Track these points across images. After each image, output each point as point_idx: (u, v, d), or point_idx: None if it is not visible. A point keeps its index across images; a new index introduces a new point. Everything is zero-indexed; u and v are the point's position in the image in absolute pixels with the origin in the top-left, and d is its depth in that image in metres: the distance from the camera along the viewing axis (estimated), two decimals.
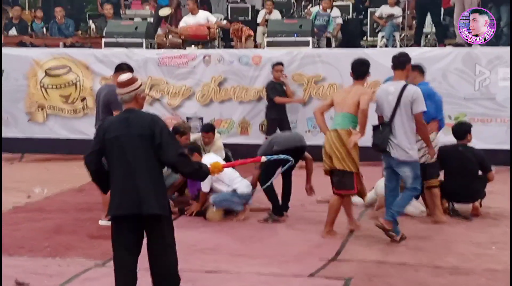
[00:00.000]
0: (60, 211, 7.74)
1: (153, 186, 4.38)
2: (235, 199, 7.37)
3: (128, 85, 4.51)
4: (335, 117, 6.59)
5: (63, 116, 11.79)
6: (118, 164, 4.40)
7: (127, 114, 4.51)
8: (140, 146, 4.37)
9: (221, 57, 11.39)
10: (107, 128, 4.49)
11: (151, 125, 4.40)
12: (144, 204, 4.32)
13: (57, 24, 13.08)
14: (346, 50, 11.51)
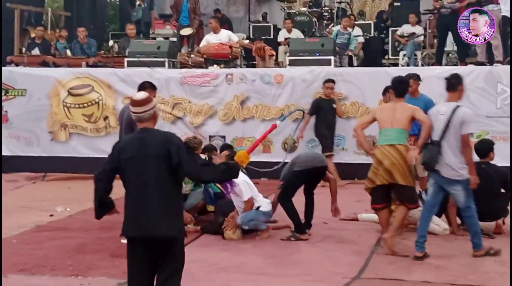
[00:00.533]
0: (82, 230, 7.75)
1: (167, 208, 4.30)
2: (261, 218, 7.35)
3: (146, 103, 4.44)
4: (385, 132, 6.61)
5: (85, 135, 11.87)
6: (133, 184, 4.34)
7: (142, 133, 4.44)
8: (156, 166, 4.30)
9: (243, 75, 11.42)
10: (123, 148, 4.43)
11: (167, 144, 4.33)
12: (154, 225, 4.26)
13: (80, 44, 13.22)
14: (368, 68, 11.51)
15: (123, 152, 4.40)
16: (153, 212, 4.26)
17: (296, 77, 11.10)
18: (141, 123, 4.45)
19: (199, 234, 7.45)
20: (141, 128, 4.46)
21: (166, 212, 4.29)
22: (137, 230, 4.29)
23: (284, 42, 13.52)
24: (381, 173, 6.54)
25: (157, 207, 4.27)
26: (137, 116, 4.44)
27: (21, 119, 11.89)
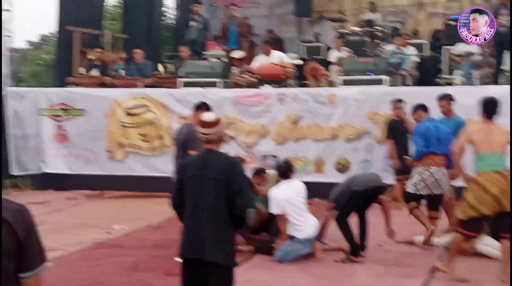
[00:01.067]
0: (138, 248, 7.88)
1: (220, 233, 4.31)
2: (296, 246, 7.24)
3: (216, 125, 4.47)
4: (487, 158, 6.32)
5: (141, 154, 12.10)
6: (190, 204, 4.36)
7: (207, 154, 4.46)
8: (214, 190, 4.30)
9: (296, 95, 11.48)
10: (186, 167, 4.50)
11: (229, 169, 4.34)
12: (207, 250, 4.27)
13: (136, 65, 13.51)
14: (422, 88, 11.40)
15: (186, 170, 4.46)
16: (206, 236, 4.27)
17: (348, 97, 11.09)
18: (208, 144, 4.48)
19: (252, 254, 7.49)
20: (206, 149, 4.49)
21: (219, 237, 4.30)
22: (190, 252, 4.34)
23: (336, 62, 13.53)
24: (490, 201, 6.22)
25: (211, 231, 4.28)
26: (205, 137, 4.46)
27: (80, 138, 12.22)
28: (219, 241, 4.30)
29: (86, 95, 12.28)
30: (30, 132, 12.41)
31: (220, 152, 4.52)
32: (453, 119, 8.56)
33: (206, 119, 4.51)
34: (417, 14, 17.09)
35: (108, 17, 21.03)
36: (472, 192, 6.31)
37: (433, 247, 7.71)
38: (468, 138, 6.54)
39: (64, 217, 9.91)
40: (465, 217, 6.35)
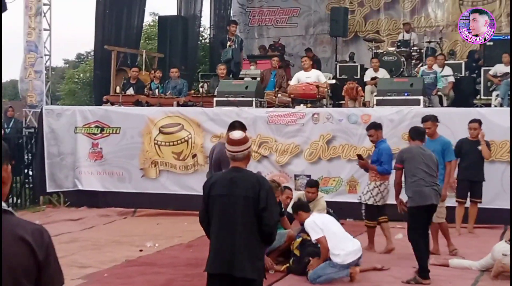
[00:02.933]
0: (170, 266, 7.87)
1: (249, 249, 4.39)
2: (330, 270, 7.10)
3: (243, 143, 4.53)
4: None
5: (174, 172, 12.14)
6: (218, 222, 4.43)
7: (234, 173, 4.52)
8: (243, 207, 4.37)
9: (330, 115, 11.42)
10: (213, 185, 4.53)
11: (257, 187, 4.39)
12: (237, 265, 4.35)
13: (171, 84, 13.62)
14: (459, 109, 11.25)
15: (213, 189, 4.50)
16: (237, 252, 4.36)
17: (383, 117, 10.98)
18: (235, 162, 4.54)
19: (285, 274, 7.41)
20: (233, 167, 4.55)
21: (249, 253, 4.38)
22: (220, 267, 4.40)
23: (371, 82, 13.46)
24: None
25: (241, 248, 4.37)
26: (232, 154, 4.53)
27: (114, 156, 12.32)
28: (248, 257, 4.38)
29: (121, 113, 12.39)
30: (65, 149, 12.55)
31: (247, 170, 4.59)
32: (438, 140, 8.46)
33: (234, 137, 4.58)
34: (453, 35, 16.93)
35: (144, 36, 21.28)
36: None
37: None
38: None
39: (97, 234, 9.97)
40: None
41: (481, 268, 7.54)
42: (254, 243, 4.42)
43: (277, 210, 4.60)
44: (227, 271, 4.36)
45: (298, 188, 11.09)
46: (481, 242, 8.80)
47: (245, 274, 4.35)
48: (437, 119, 8.62)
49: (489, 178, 9.77)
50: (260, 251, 4.55)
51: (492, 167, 10.09)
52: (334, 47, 16.75)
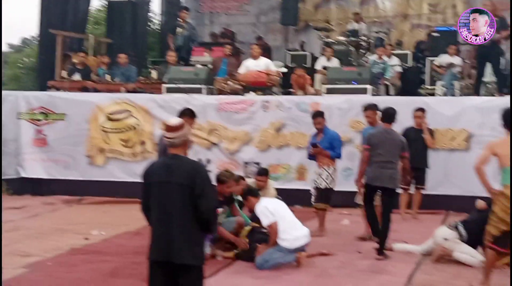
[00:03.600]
0: (116, 254, 7.78)
1: (187, 235, 4.44)
2: (277, 255, 7.17)
3: (179, 130, 4.53)
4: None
5: (122, 160, 12.00)
6: (157, 209, 4.48)
7: (171, 160, 4.53)
8: (180, 194, 4.41)
9: (280, 103, 11.47)
10: (150, 172, 4.57)
11: (193, 174, 4.43)
12: (176, 252, 4.41)
13: (120, 70, 13.43)
14: (405, 98, 11.44)
15: (150, 176, 4.54)
16: (175, 239, 4.41)
17: (332, 106, 11.09)
18: (172, 149, 4.55)
19: (233, 260, 7.43)
20: (171, 154, 4.56)
21: (187, 240, 4.43)
22: (160, 254, 4.46)
23: (321, 71, 13.55)
24: (505, 218, 6.06)
25: (179, 234, 4.41)
26: (169, 141, 4.53)
27: (60, 143, 12.10)
28: (186, 243, 4.43)
29: (67, 99, 12.17)
30: (8, 136, 12.23)
31: (185, 157, 4.57)
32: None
33: (170, 124, 4.56)
34: (401, 25, 17.18)
35: (91, 21, 20.88)
36: (500, 206, 6.14)
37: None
38: (492, 151, 6.31)
39: (41, 222, 9.78)
40: (497, 232, 6.17)
41: (423, 252, 7.72)
42: (192, 230, 4.45)
43: (214, 197, 4.63)
44: (167, 258, 4.41)
45: (248, 175, 11.11)
46: (424, 227, 9.00)
47: (184, 261, 4.40)
48: (377, 107, 8.72)
49: (432, 166, 9.98)
50: (199, 237, 4.57)
51: (436, 155, 10.30)
52: (285, 36, 16.83)
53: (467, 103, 10.77)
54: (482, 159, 6.36)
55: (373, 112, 8.62)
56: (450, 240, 7.36)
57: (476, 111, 10.56)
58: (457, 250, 7.32)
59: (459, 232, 7.40)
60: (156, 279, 4.50)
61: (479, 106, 10.60)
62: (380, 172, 7.68)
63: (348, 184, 10.92)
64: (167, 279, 4.46)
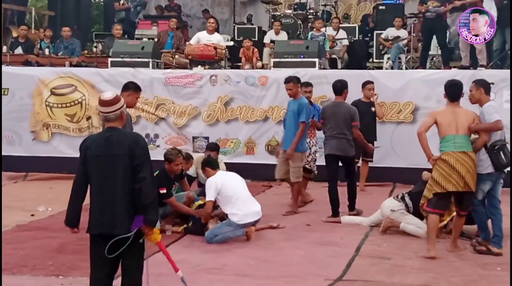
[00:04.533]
0: (63, 230, 7.51)
1: (129, 207, 4.42)
2: (226, 229, 7.20)
3: (114, 103, 4.52)
4: (455, 139, 6.53)
5: (68, 135, 11.79)
6: (97, 182, 4.47)
7: (109, 133, 4.51)
8: (120, 166, 4.41)
9: (228, 77, 11.41)
10: (88, 146, 4.52)
11: (132, 146, 4.44)
12: (118, 224, 4.40)
13: (63, 44, 13.14)
14: (352, 71, 11.53)
15: (89, 150, 4.50)
16: (117, 211, 4.41)
17: (280, 79, 11.05)
18: (108, 123, 4.54)
19: (182, 235, 7.42)
20: (108, 127, 4.55)
21: (129, 211, 4.42)
22: (101, 228, 4.46)
23: (269, 44, 13.52)
24: (456, 180, 6.48)
25: (121, 206, 4.42)
26: (104, 115, 4.53)
27: (3, 118, 11.77)
28: (128, 215, 4.42)
29: (10, 73, 11.79)
30: None
31: (122, 129, 4.59)
32: (298, 100, 8.62)
33: (104, 98, 4.54)
34: None
35: None
36: (440, 171, 6.54)
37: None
38: (433, 119, 6.70)
39: None
40: (430, 195, 6.62)
41: (371, 224, 7.87)
42: (133, 200, 4.43)
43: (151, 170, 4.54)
44: (108, 230, 4.41)
45: (197, 150, 11.08)
46: (371, 199, 9.15)
47: (126, 232, 4.38)
48: (299, 80, 8.80)
49: (379, 139, 10.12)
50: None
51: (383, 128, 10.43)
52: (232, 9, 16.69)
53: (413, 76, 10.92)
54: (425, 127, 6.71)
55: (294, 85, 8.61)
56: (397, 211, 7.50)
57: (422, 84, 10.72)
58: (404, 221, 7.47)
59: (405, 203, 7.54)
60: (97, 251, 4.50)
61: (425, 79, 10.76)
62: (336, 143, 8.24)
63: None
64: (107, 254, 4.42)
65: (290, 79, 8.67)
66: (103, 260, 4.46)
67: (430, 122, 6.71)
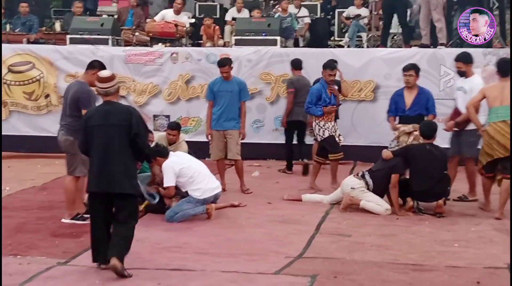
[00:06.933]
0: (22, 210, 7.59)
1: (127, 169, 5.31)
2: (186, 206, 7.18)
3: (112, 80, 5.45)
4: (497, 110, 7.29)
5: (26, 113, 11.59)
6: (98, 148, 5.29)
7: (107, 106, 5.39)
8: (118, 134, 5.27)
9: (189, 55, 11.32)
10: (90, 117, 5.40)
11: (129, 117, 5.29)
12: (117, 183, 5.23)
13: (21, 20, 12.84)
14: (314, 49, 11.54)
15: (90, 120, 5.37)
16: (116, 172, 5.24)
17: (242, 57, 11.06)
18: (106, 97, 5.42)
19: (143, 213, 7.37)
20: (105, 101, 5.42)
21: (126, 172, 5.31)
22: (101, 186, 5.27)
23: (231, 22, 13.43)
24: (497, 148, 7.25)
25: (119, 168, 5.26)
26: (104, 90, 5.39)
27: None
28: (126, 176, 5.30)
29: None
30: None
31: (118, 102, 5.53)
32: (233, 81, 8.73)
33: (104, 75, 5.47)
34: None
35: None
36: (484, 142, 7.40)
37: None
38: (482, 94, 7.44)
39: None
40: (484, 162, 7.42)
41: (332, 202, 7.93)
42: (130, 164, 5.37)
43: (147, 133, 5.72)
44: (107, 189, 5.24)
45: (157, 128, 11.00)
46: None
47: (124, 190, 5.25)
48: (232, 62, 8.86)
49: (340, 117, 10.16)
50: (134, 170, 5.58)
51: (344, 106, 10.43)
52: None
53: (374, 55, 10.98)
54: (473, 101, 7.50)
55: (229, 67, 8.66)
56: (356, 189, 7.57)
57: (383, 62, 10.79)
58: (364, 199, 7.55)
59: (365, 181, 7.62)
60: (96, 207, 5.36)
61: (386, 58, 10.84)
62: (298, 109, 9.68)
63: (258, 136, 11.06)
64: (105, 207, 5.33)
65: (225, 62, 8.68)
66: (100, 211, 5.34)
67: (479, 97, 7.44)
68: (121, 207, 5.29)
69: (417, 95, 8.18)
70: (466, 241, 6.45)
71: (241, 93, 8.67)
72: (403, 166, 7.57)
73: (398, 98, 8.33)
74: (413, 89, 8.26)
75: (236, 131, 8.63)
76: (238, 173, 8.75)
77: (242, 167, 8.77)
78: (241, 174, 8.74)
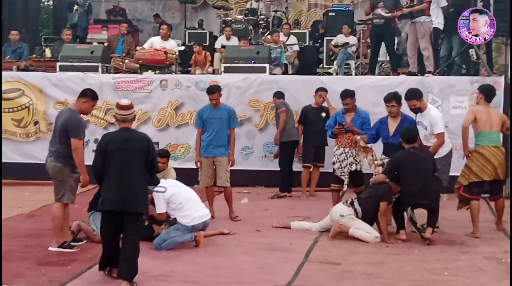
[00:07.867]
0: (9, 237, 7.51)
1: (142, 190, 5.86)
2: (174, 233, 7.14)
3: (131, 108, 5.98)
4: (489, 135, 7.76)
5: (15, 140, 11.56)
6: (116, 170, 5.75)
7: (126, 132, 5.93)
8: (136, 158, 5.80)
9: (178, 82, 11.37)
10: (110, 141, 5.85)
11: (146, 143, 5.90)
12: (132, 202, 5.74)
13: (11, 47, 12.87)
14: (302, 77, 11.61)
15: (110, 144, 5.81)
16: (133, 192, 5.74)
17: (231, 84, 11.11)
18: (124, 123, 5.95)
19: None
20: (123, 127, 5.95)
21: (142, 193, 5.86)
22: (116, 205, 5.72)
23: (220, 49, 13.52)
24: (490, 170, 7.68)
25: (136, 189, 5.77)
26: (123, 117, 5.93)
27: None
28: (141, 196, 5.85)
29: None
30: None
31: (135, 129, 6.20)
32: (222, 108, 8.78)
33: (124, 104, 5.99)
34: (299, 5, 17.33)
35: None
36: (476, 162, 7.73)
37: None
38: (473, 115, 7.80)
39: None
40: (466, 182, 7.77)
41: (321, 229, 7.91)
42: (144, 185, 5.90)
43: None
44: (123, 207, 5.71)
45: None
46: (321, 204, 9.21)
47: (139, 209, 5.83)
48: (221, 89, 8.92)
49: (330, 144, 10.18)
50: (147, 191, 6.10)
51: None
52: (183, 14, 16.60)
53: (363, 82, 11.06)
54: (468, 120, 7.83)
55: (219, 95, 8.72)
56: (346, 216, 7.57)
57: (371, 90, 10.86)
58: (353, 226, 7.54)
59: (354, 208, 7.62)
60: (109, 224, 5.84)
61: (374, 85, 10.92)
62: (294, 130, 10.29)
63: (247, 163, 11.07)
64: (116, 224, 5.78)
65: (214, 89, 8.72)
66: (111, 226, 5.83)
67: (471, 118, 7.80)
68: (131, 223, 5.75)
69: (400, 122, 8.19)
70: (456, 269, 6.44)
71: (230, 120, 8.69)
72: (391, 194, 7.57)
73: (382, 125, 8.36)
74: (396, 117, 8.29)
75: (225, 158, 8.63)
76: (227, 200, 8.73)
77: (231, 194, 8.75)
78: (230, 201, 8.72)
